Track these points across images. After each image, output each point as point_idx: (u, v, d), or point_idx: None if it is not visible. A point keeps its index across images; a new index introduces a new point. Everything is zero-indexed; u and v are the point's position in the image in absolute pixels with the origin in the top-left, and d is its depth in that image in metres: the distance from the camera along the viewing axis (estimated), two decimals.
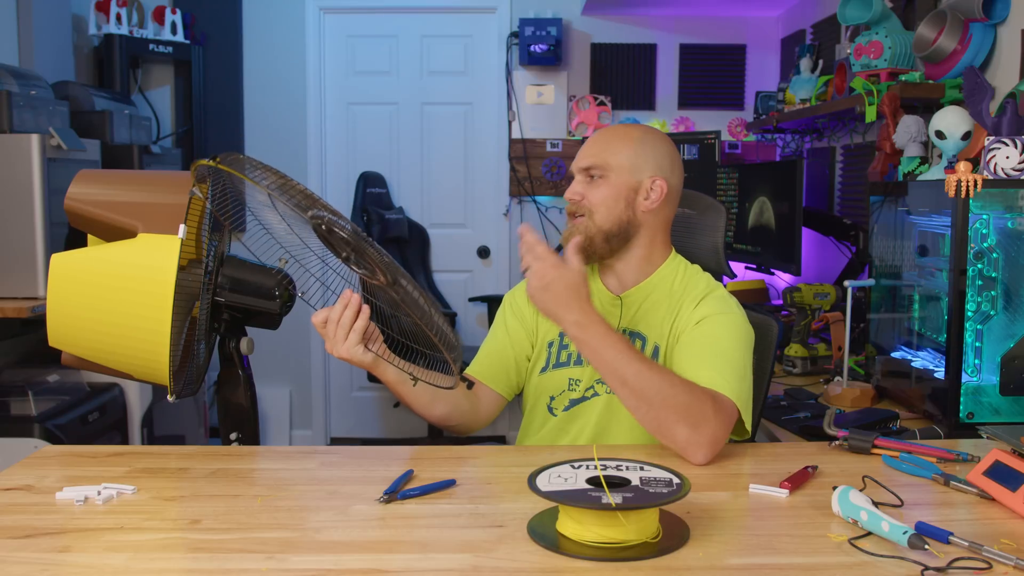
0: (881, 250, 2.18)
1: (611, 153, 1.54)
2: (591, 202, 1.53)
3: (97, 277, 1.26)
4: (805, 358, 2.49)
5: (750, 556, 1.01)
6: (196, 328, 1.39)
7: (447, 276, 4.38)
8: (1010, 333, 1.76)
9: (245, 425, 1.53)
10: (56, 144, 2.61)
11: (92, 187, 1.35)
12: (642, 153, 1.54)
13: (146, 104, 4.01)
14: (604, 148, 1.55)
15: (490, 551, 1.02)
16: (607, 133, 1.58)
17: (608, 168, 1.53)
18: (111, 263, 1.27)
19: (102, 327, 1.27)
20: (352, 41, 4.29)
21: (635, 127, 1.60)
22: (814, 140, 3.62)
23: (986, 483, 1.20)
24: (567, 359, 1.61)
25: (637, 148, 1.54)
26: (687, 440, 1.32)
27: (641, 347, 1.55)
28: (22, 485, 1.22)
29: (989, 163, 1.76)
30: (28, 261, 2.53)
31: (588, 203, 1.54)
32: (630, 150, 1.54)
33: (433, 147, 4.34)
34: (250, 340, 1.54)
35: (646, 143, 1.55)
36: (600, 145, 1.55)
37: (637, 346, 1.55)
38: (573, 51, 4.21)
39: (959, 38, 2.27)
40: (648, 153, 1.54)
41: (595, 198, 1.53)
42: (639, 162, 1.53)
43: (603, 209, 1.53)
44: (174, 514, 1.11)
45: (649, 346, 1.55)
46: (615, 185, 1.53)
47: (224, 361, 1.53)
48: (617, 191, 1.53)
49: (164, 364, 1.26)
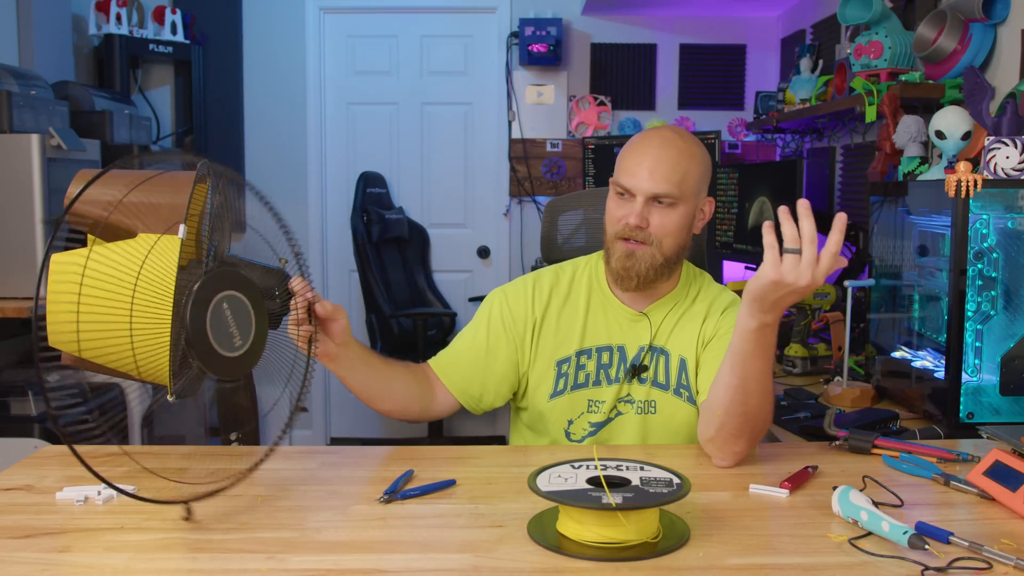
0: (881, 250, 2.18)
1: (685, 181, 1.44)
2: (661, 231, 1.44)
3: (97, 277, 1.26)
4: (805, 358, 2.49)
5: (750, 556, 1.01)
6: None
7: (447, 276, 4.38)
8: (1010, 333, 1.76)
9: (245, 425, 1.53)
10: (56, 144, 2.61)
11: (91, 187, 1.35)
12: (701, 172, 1.47)
13: (146, 104, 4.01)
14: (674, 171, 1.43)
15: (490, 551, 1.02)
16: (674, 152, 1.44)
17: (683, 198, 1.44)
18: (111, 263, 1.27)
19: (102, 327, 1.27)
20: (352, 41, 4.29)
21: (684, 136, 1.48)
22: (814, 140, 3.62)
23: (986, 483, 1.20)
24: (586, 380, 1.53)
25: (700, 170, 1.47)
26: (743, 452, 1.32)
27: (665, 362, 1.53)
28: (22, 485, 1.22)
29: (989, 163, 1.76)
30: (28, 261, 2.53)
31: (656, 232, 1.44)
32: (697, 170, 1.46)
33: (433, 147, 4.34)
34: None
35: (697, 158, 1.47)
36: (671, 168, 1.43)
37: (661, 362, 1.53)
38: (573, 51, 4.21)
39: (959, 38, 2.27)
40: (704, 172, 1.48)
41: (666, 227, 1.44)
42: (700, 184, 1.47)
43: (671, 239, 1.45)
44: (174, 514, 1.11)
45: (673, 360, 1.52)
46: (684, 214, 1.45)
47: None
48: (686, 220, 1.46)
49: (164, 364, 1.26)
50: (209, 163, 1.35)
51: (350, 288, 4.33)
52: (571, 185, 4.22)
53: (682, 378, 1.52)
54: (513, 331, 1.55)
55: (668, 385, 1.52)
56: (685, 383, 1.52)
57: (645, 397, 1.53)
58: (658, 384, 1.53)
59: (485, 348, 1.55)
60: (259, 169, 4.24)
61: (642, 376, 1.53)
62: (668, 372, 1.53)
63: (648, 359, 1.53)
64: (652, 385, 1.53)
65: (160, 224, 1.26)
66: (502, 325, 1.56)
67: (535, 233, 4.27)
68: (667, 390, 1.52)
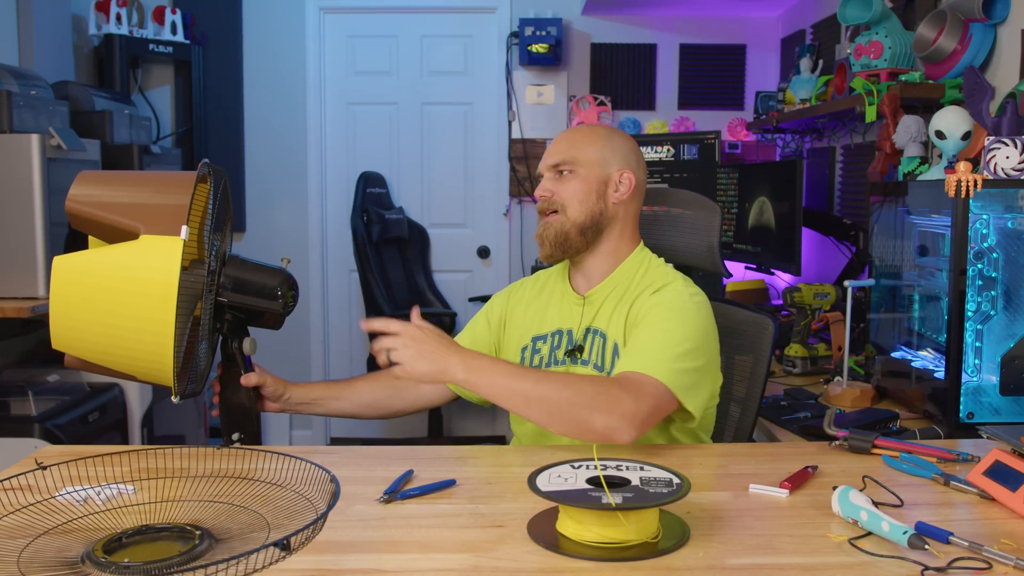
0: (881, 250, 2.18)
1: (579, 149, 1.57)
2: (563, 197, 1.56)
3: (99, 279, 1.25)
4: (805, 358, 2.49)
5: (750, 556, 1.01)
6: (199, 329, 1.39)
7: (447, 276, 4.38)
8: (1010, 333, 1.76)
9: (247, 425, 1.53)
10: (56, 144, 2.61)
11: (93, 188, 1.35)
12: (609, 148, 1.59)
13: (146, 104, 4.01)
14: (572, 144, 1.58)
15: (490, 551, 1.02)
16: (573, 131, 1.63)
17: (578, 163, 1.57)
18: (113, 265, 1.26)
19: (105, 329, 1.26)
20: (352, 41, 4.29)
21: (599, 126, 1.65)
22: (814, 140, 3.62)
23: (986, 483, 1.20)
24: (540, 363, 1.62)
25: (604, 143, 1.59)
26: (606, 425, 1.32)
27: (602, 345, 1.55)
28: (22, 485, 1.22)
29: (989, 163, 1.76)
30: (28, 261, 2.53)
31: (560, 199, 1.57)
32: (598, 145, 1.58)
33: (433, 147, 4.35)
34: (252, 340, 1.54)
35: (612, 139, 1.60)
36: (567, 142, 1.59)
37: (599, 344, 1.56)
38: (573, 51, 4.21)
39: (959, 38, 2.27)
40: (615, 148, 1.59)
41: (567, 193, 1.56)
42: (607, 156, 1.58)
43: (576, 203, 1.56)
44: (174, 514, 1.11)
45: (609, 343, 1.55)
46: (586, 179, 1.56)
47: (226, 361, 1.53)
48: (588, 184, 1.56)
49: (168, 365, 1.26)
50: (210, 164, 1.35)
51: (350, 288, 4.33)
52: None
53: (616, 361, 1.53)
54: (497, 326, 1.72)
55: (603, 367, 1.55)
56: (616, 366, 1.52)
57: None
58: (597, 367, 1.55)
59: (471, 342, 1.71)
60: (259, 169, 4.25)
61: (579, 358, 1.57)
62: (604, 355, 1.55)
63: (586, 340, 1.58)
64: (593, 368, 1.56)
65: (162, 225, 1.26)
66: (487, 322, 1.73)
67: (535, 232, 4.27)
68: (602, 371, 1.55)
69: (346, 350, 4.42)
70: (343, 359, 4.42)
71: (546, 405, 1.33)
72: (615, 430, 1.32)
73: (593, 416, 1.32)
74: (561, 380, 1.35)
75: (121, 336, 1.27)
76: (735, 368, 1.76)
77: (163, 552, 0.99)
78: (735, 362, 1.75)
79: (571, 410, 1.32)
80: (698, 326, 1.48)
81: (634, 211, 1.62)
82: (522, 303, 1.71)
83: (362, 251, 3.91)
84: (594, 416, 1.32)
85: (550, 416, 1.33)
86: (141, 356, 1.28)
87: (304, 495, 1.10)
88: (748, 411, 1.69)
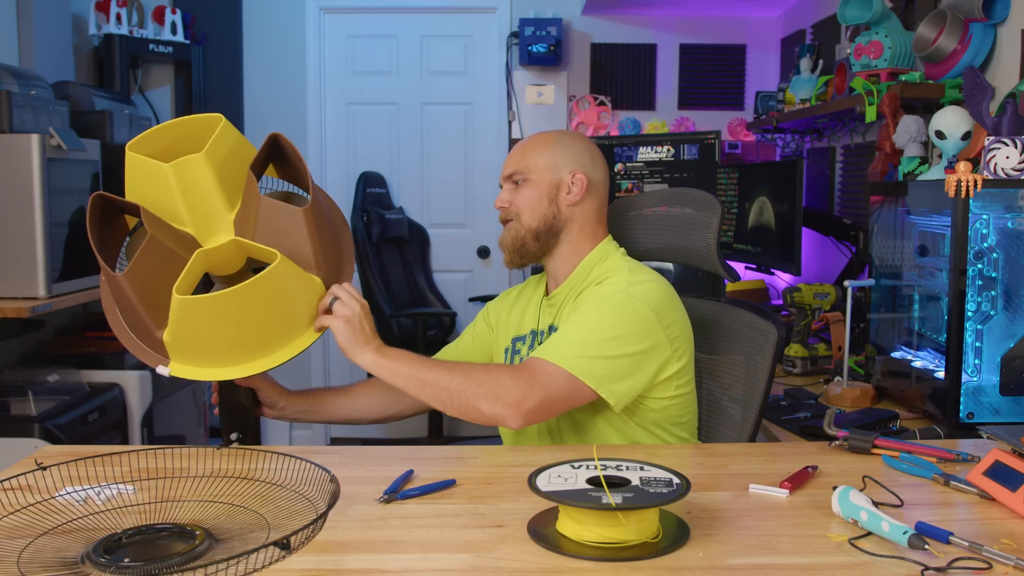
0: (881, 250, 2.18)
1: (529, 157, 1.61)
2: (517, 206, 1.61)
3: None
4: (805, 358, 2.49)
5: (750, 556, 1.01)
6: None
7: (447, 276, 4.38)
8: (1010, 333, 1.76)
9: (246, 425, 1.53)
10: (56, 144, 2.61)
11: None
12: (559, 152, 1.61)
13: (146, 104, 4.01)
14: (523, 155, 1.62)
15: (490, 551, 1.02)
16: (525, 141, 1.66)
17: (528, 171, 1.60)
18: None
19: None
20: (352, 41, 4.29)
21: (551, 132, 1.67)
22: (814, 140, 3.62)
23: (986, 483, 1.20)
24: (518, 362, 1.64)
25: (554, 148, 1.61)
26: (492, 411, 1.37)
27: None
28: (22, 485, 1.22)
29: (989, 163, 1.76)
30: (28, 261, 2.53)
31: (515, 208, 1.61)
32: (547, 151, 1.61)
33: (433, 147, 4.35)
34: None
35: (562, 143, 1.62)
36: (519, 153, 1.63)
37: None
38: (573, 51, 4.21)
39: (959, 38, 2.27)
40: (565, 152, 1.61)
41: (520, 201, 1.61)
42: (557, 161, 1.61)
43: (528, 210, 1.60)
44: (174, 514, 1.11)
45: None
46: (537, 185, 1.60)
47: None
48: (540, 191, 1.60)
49: None
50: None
51: None
52: None
53: None
54: (494, 326, 1.77)
55: None
56: None
57: None
58: None
59: (472, 343, 1.79)
60: None
61: None
62: None
63: (544, 340, 1.61)
64: None
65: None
66: (486, 321, 1.79)
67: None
68: None
69: None
70: (343, 361, 4.42)
71: (438, 391, 1.39)
72: (500, 417, 1.37)
73: (479, 402, 1.37)
74: (455, 368, 1.42)
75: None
76: (736, 368, 1.75)
77: (163, 552, 0.99)
78: (736, 363, 1.74)
79: (460, 396, 1.38)
80: (631, 315, 1.47)
81: (593, 209, 1.63)
82: (507, 306, 1.76)
83: (362, 251, 3.91)
84: (480, 402, 1.37)
85: (443, 402, 1.40)
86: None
87: (304, 495, 1.10)
88: (750, 413, 1.68)
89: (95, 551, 0.97)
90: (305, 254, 1.35)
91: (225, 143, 1.34)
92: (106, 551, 0.97)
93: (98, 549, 0.97)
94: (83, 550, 0.98)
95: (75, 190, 2.74)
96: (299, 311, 1.36)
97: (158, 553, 0.99)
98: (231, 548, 1.00)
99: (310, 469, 1.11)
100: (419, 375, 1.41)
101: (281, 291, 1.30)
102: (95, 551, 0.97)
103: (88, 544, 1.00)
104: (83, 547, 1.00)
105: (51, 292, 2.55)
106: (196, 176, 1.30)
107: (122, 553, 0.98)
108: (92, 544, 0.99)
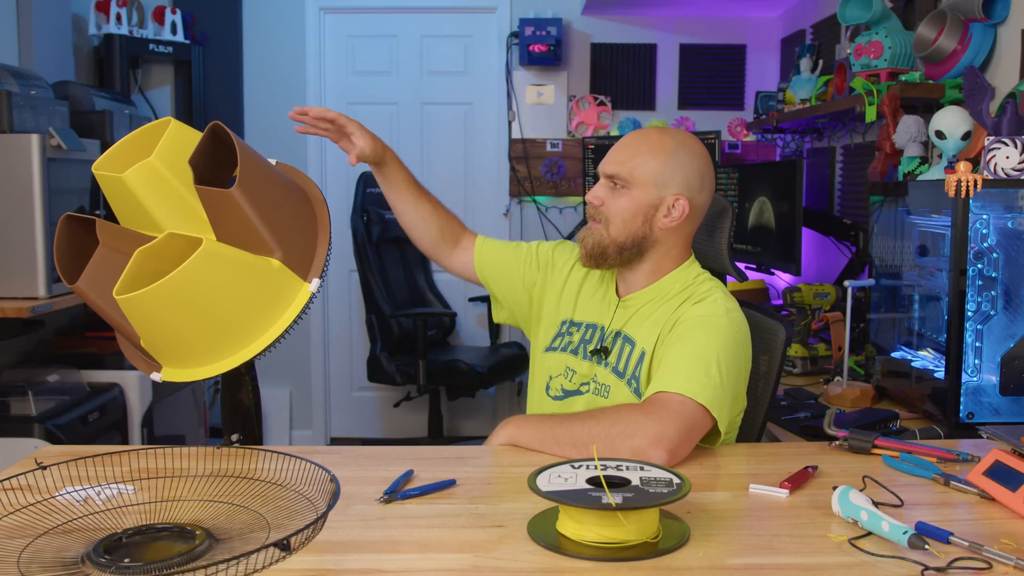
0: (881, 250, 2.18)
1: (637, 164, 1.49)
2: (609, 211, 1.50)
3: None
4: (805, 358, 2.49)
5: (750, 556, 1.01)
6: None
7: (447, 276, 4.37)
8: (1010, 333, 1.76)
9: (248, 425, 1.53)
10: (56, 144, 2.61)
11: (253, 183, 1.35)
12: (671, 167, 1.49)
13: (146, 104, 4.01)
14: (632, 157, 1.49)
15: (490, 551, 1.02)
16: (639, 140, 1.52)
17: (632, 179, 1.49)
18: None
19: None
20: (352, 41, 4.29)
21: (671, 136, 1.52)
22: (814, 140, 3.62)
23: (986, 483, 1.20)
24: (567, 346, 1.61)
25: (666, 161, 1.49)
26: (633, 450, 1.29)
27: (629, 351, 1.53)
28: (22, 485, 1.22)
29: (989, 163, 1.76)
30: (28, 261, 2.53)
31: (606, 211, 1.51)
32: (658, 163, 1.49)
33: (433, 147, 4.34)
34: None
35: (677, 157, 1.50)
36: (628, 152, 1.50)
37: (626, 350, 1.53)
38: (573, 51, 4.21)
39: (959, 38, 2.27)
40: (676, 169, 1.49)
41: (613, 209, 1.50)
42: (666, 177, 1.49)
43: (619, 221, 1.50)
44: (174, 514, 1.11)
45: (636, 351, 1.52)
46: (636, 199, 1.49)
47: None
48: (636, 205, 1.49)
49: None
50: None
51: (350, 288, 4.33)
52: (571, 185, 4.22)
53: (638, 370, 1.51)
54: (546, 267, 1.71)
55: (624, 374, 1.52)
56: (637, 374, 1.51)
57: (604, 380, 1.55)
58: (616, 371, 1.54)
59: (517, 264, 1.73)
60: None
61: (604, 359, 1.55)
62: (628, 361, 1.53)
63: (614, 344, 1.55)
64: (612, 371, 1.54)
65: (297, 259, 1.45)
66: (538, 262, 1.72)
67: (535, 233, 4.28)
68: (622, 378, 1.52)
69: (346, 350, 4.42)
70: (343, 359, 4.42)
71: (584, 443, 1.33)
72: (644, 454, 1.29)
73: (624, 444, 1.30)
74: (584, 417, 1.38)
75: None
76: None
77: (163, 552, 0.99)
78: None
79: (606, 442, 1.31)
80: (733, 341, 1.45)
81: (685, 235, 1.55)
82: (564, 272, 1.68)
83: (362, 251, 3.91)
84: (624, 444, 1.30)
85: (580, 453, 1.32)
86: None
87: (304, 495, 1.10)
88: (756, 413, 1.68)
89: (95, 551, 0.97)
90: (253, 234, 1.30)
91: (177, 144, 1.33)
92: (106, 551, 0.97)
93: (98, 549, 0.97)
94: (83, 550, 0.98)
95: (75, 190, 2.74)
96: (260, 293, 1.31)
97: (158, 553, 0.99)
98: (231, 548, 1.00)
99: (310, 469, 1.11)
100: (552, 432, 1.37)
101: (223, 276, 1.25)
102: (95, 551, 0.97)
103: (88, 544, 1.00)
104: (83, 547, 1.00)
105: (51, 292, 2.55)
106: (153, 180, 1.29)
107: (122, 553, 0.98)
108: (92, 544, 0.99)
